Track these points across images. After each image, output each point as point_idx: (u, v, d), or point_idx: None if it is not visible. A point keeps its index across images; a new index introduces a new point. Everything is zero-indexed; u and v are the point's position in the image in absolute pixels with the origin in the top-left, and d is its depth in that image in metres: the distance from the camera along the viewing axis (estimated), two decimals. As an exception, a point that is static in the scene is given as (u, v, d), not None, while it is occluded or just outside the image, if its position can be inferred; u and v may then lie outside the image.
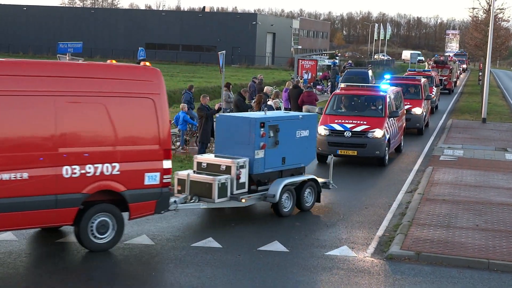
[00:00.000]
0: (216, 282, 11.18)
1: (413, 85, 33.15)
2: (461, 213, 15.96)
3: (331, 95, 24.52)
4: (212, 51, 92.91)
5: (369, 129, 21.95)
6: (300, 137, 16.24)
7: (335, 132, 22.14)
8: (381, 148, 21.97)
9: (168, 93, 50.76)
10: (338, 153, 21.86)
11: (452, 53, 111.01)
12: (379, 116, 22.68)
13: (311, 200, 16.36)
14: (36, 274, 11.27)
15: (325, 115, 23.09)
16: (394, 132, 23.38)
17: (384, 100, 23.17)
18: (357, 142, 21.88)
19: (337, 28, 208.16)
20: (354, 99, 23.90)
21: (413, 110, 30.59)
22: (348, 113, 23.06)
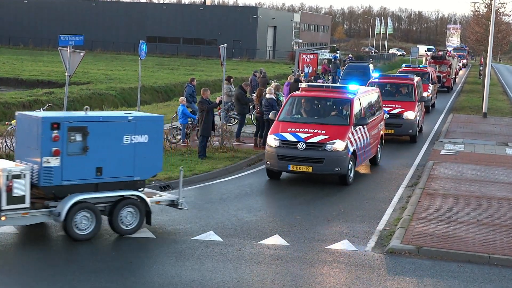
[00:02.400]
0: (216, 275, 11.20)
1: (405, 85, 28.88)
2: (462, 208, 15.96)
3: (288, 97, 20.53)
4: (213, 45, 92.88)
5: (327, 140, 18.07)
6: (130, 143, 13.19)
7: (287, 143, 18.25)
8: (342, 164, 18.06)
9: (169, 86, 50.71)
10: (290, 169, 18.15)
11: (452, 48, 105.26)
12: (342, 124, 18.81)
13: (133, 222, 13.19)
14: (37, 267, 11.28)
15: (277, 122, 19.19)
16: (363, 143, 19.55)
17: (350, 104, 19.26)
18: (313, 156, 17.97)
19: (338, 22, 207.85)
20: (315, 103, 19.99)
21: (405, 114, 26.69)
22: (306, 120, 19.19)
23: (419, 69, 41.26)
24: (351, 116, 18.99)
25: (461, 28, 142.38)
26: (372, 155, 21.17)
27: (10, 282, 10.63)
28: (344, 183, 18.43)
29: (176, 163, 19.76)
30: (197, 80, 36.04)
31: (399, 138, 27.00)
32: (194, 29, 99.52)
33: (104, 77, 52.49)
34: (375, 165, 21.54)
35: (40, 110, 22.14)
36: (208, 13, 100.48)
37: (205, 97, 21.07)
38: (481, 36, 52.56)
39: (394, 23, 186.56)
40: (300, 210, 15.79)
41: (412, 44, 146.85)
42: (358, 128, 19.13)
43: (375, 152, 21.38)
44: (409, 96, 28.06)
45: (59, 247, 12.35)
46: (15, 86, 48.58)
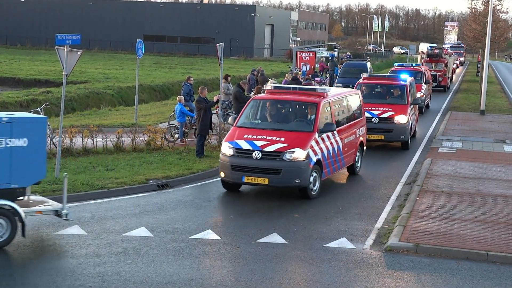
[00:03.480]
0: (215, 274, 11.19)
1: (396, 87, 26.23)
2: (460, 205, 15.97)
3: (249, 100, 18.57)
4: (210, 43, 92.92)
5: (286, 149, 16.13)
6: (5, 147, 12.11)
7: (241, 152, 16.36)
8: (302, 175, 16.14)
9: (166, 85, 50.67)
10: (244, 180, 16.27)
11: (448, 45, 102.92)
12: (305, 131, 16.86)
13: (4, 234, 12.05)
14: (35, 266, 11.26)
15: (234, 127, 17.28)
16: (333, 152, 17.71)
17: (316, 108, 17.23)
18: (269, 167, 16.08)
19: (336, 20, 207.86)
20: (278, 107, 17.88)
21: (396, 118, 24.33)
22: (266, 126, 17.22)
23: (412, 68, 39.48)
24: (316, 121, 16.91)
25: (459, 25, 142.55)
26: (349, 164, 19.27)
27: (6, 279, 10.61)
28: (306, 196, 16.47)
29: (174, 162, 19.78)
30: (195, 78, 36.06)
31: (390, 144, 25.26)
32: (191, 27, 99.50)
33: (101, 76, 52.49)
34: (353, 175, 19.70)
35: (37, 109, 22.15)
36: (206, 11, 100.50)
37: (203, 95, 21.06)
38: (479, 33, 52.55)
39: (392, 21, 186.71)
40: (298, 208, 15.79)
41: (409, 42, 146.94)
42: (326, 135, 17.20)
43: (351, 161, 19.37)
44: (401, 98, 25.58)
45: (56, 246, 12.33)
46: (13, 85, 48.58)
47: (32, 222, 13.67)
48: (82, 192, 16.12)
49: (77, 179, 16.97)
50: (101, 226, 13.70)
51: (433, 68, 50.48)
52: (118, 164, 19.13)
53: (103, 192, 16.33)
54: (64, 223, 13.67)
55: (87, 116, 32.11)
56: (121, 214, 14.71)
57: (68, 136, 20.33)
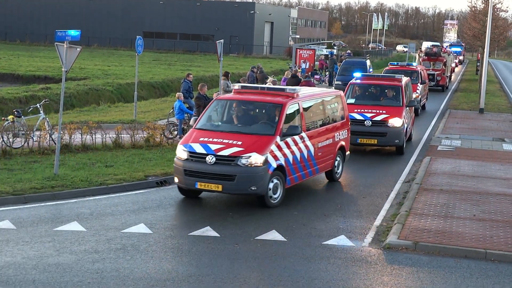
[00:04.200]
0: (213, 271, 11.19)
1: (391, 87, 24.55)
2: (459, 203, 15.98)
3: (212, 100, 17.48)
4: (210, 40, 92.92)
5: (242, 153, 14.91)
6: None
7: (195, 156, 15.22)
8: (259, 182, 14.90)
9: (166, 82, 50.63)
10: (197, 187, 15.10)
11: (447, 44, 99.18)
12: (265, 134, 15.55)
13: None
14: (33, 263, 11.26)
15: (193, 129, 16.20)
16: (301, 157, 16.32)
17: (281, 110, 15.90)
18: (222, 172, 14.86)
19: (335, 17, 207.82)
20: (242, 108, 16.64)
21: (390, 121, 22.68)
22: (225, 128, 16.02)
23: (407, 68, 37.45)
24: (278, 124, 15.59)
25: (458, 23, 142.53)
26: (325, 170, 18.01)
27: (6, 276, 10.61)
28: (264, 205, 15.24)
29: (173, 159, 19.75)
30: (194, 75, 36.05)
31: (384, 149, 23.88)
32: (191, 24, 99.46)
33: (101, 72, 52.49)
34: (333, 181, 18.49)
35: (36, 105, 22.14)
36: (205, 8, 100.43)
37: (202, 92, 21.07)
38: (478, 31, 52.59)
39: (392, 19, 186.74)
40: (297, 206, 15.79)
41: (409, 40, 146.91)
42: (292, 139, 15.92)
43: (329, 167, 18.05)
44: (396, 100, 23.93)
45: (55, 242, 12.32)
46: (12, 81, 48.59)
47: (31, 218, 13.69)
48: (81, 188, 16.12)
49: (76, 176, 16.97)
50: (100, 222, 13.70)
51: (431, 67, 49.50)
52: (117, 161, 19.13)
53: (102, 188, 16.34)
54: (63, 220, 13.68)
55: (86, 113, 32.11)
56: (120, 210, 14.71)
57: (67, 132, 20.32)
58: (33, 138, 20.21)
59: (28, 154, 19.54)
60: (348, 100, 23.29)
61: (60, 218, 13.82)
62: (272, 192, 15.35)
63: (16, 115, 20.75)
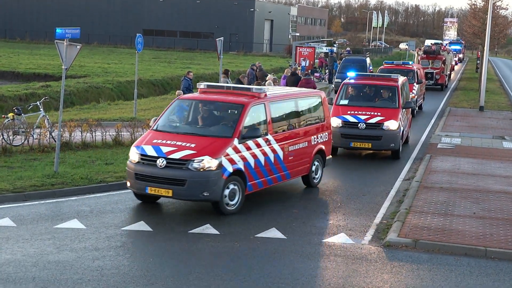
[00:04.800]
0: (213, 268, 11.19)
1: (386, 88, 23.13)
2: (459, 201, 15.98)
3: (174, 99, 16.37)
4: (209, 38, 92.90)
5: (194, 156, 13.94)
6: None
7: (147, 159, 14.33)
8: (211, 187, 13.96)
9: (166, 79, 50.63)
10: (148, 191, 14.29)
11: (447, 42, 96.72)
12: (223, 136, 14.58)
13: None
14: (33, 261, 11.26)
15: (150, 131, 15.40)
16: (264, 162, 15.20)
17: (241, 111, 14.95)
18: (173, 177, 13.94)
19: (335, 15, 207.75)
20: (204, 108, 15.60)
21: (385, 124, 21.39)
22: (182, 130, 15.14)
23: (403, 66, 35.82)
24: (237, 126, 14.63)
25: (458, 21, 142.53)
26: (300, 175, 16.94)
27: (6, 274, 10.62)
28: (220, 212, 14.32)
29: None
30: (194, 73, 36.05)
31: (379, 153, 22.76)
32: (191, 22, 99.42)
33: (100, 70, 52.49)
34: (310, 187, 17.45)
35: (36, 103, 22.14)
36: (205, 6, 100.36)
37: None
38: (478, 29, 52.59)
39: (391, 17, 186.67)
40: (297, 204, 15.79)
41: (409, 38, 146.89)
42: (254, 142, 14.86)
43: (304, 171, 16.98)
44: (392, 101, 22.59)
45: (55, 240, 12.33)
46: (12, 79, 48.59)
47: (31, 216, 13.69)
48: (81, 186, 16.12)
49: (76, 173, 16.97)
50: (100, 220, 13.70)
51: (429, 65, 48.67)
52: (117, 158, 19.12)
53: (102, 186, 16.33)
54: (63, 217, 13.68)
55: (86, 110, 32.12)
56: (120, 208, 14.71)
57: (67, 130, 20.32)
58: (33, 136, 20.22)
59: (28, 152, 19.54)
60: (341, 101, 22.74)
61: (60, 216, 13.82)
62: (228, 199, 14.33)
63: (16, 112, 20.75)
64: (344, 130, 21.36)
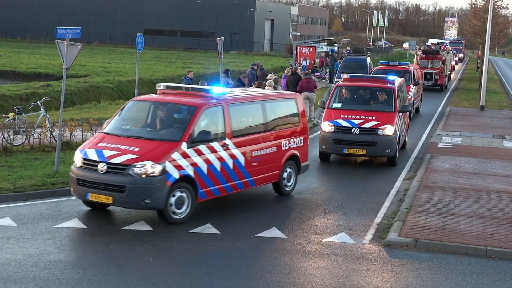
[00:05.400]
0: (214, 268, 11.20)
1: (382, 90, 21.65)
2: (459, 200, 15.98)
3: (128, 102, 15.50)
4: (210, 37, 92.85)
5: (135, 161, 13.13)
6: None
7: (88, 163, 13.59)
8: (154, 194, 13.07)
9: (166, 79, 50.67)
10: (89, 198, 13.55)
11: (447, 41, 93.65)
12: (170, 140, 13.68)
13: None
14: (34, 260, 11.27)
15: (99, 133, 14.67)
16: (220, 167, 14.23)
17: (193, 114, 14.03)
18: (112, 183, 13.17)
19: (336, 14, 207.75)
20: (157, 110, 14.75)
21: (381, 128, 20.21)
22: (130, 133, 14.21)
23: (399, 67, 34.22)
24: (187, 129, 13.73)
25: (459, 21, 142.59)
26: (267, 182, 15.91)
27: (7, 273, 10.63)
28: (166, 221, 13.52)
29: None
30: (195, 73, 36.03)
31: (374, 160, 21.50)
32: (191, 22, 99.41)
33: (101, 70, 52.46)
34: (281, 195, 16.41)
35: (37, 102, 22.15)
36: (206, 6, 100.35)
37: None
38: (479, 29, 52.61)
39: (392, 16, 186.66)
40: (297, 203, 15.80)
41: (409, 37, 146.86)
42: (208, 147, 13.94)
43: (274, 178, 15.96)
44: (388, 105, 21.19)
45: (56, 239, 12.34)
46: (12, 79, 48.56)
47: (32, 216, 13.69)
48: (81, 185, 16.09)
49: (77, 173, 16.94)
50: (101, 219, 13.70)
51: (429, 65, 47.69)
52: (117, 158, 19.08)
53: (102, 185, 16.29)
54: (63, 217, 13.68)
55: (87, 110, 32.10)
56: (121, 207, 14.69)
57: (68, 129, 20.32)
58: (33, 135, 20.22)
59: (28, 151, 19.54)
60: (333, 104, 21.39)
61: (60, 215, 13.82)
62: (175, 207, 13.44)
63: (17, 112, 20.76)
64: (336, 135, 20.23)
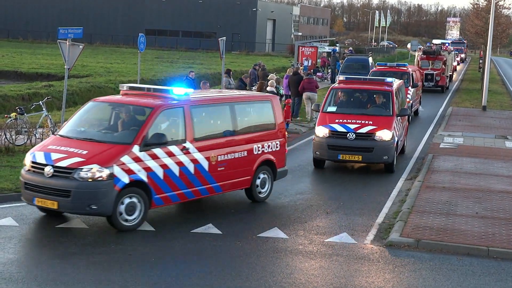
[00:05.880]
0: (215, 268, 11.20)
1: (379, 93, 20.60)
2: (461, 201, 15.98)
3: (87, 102, 15.01)
4: (212, 38, 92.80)
5: (82, 165, 12.49)
6: None
7: (36, 167, 12.99)
8: (101, 200, 12.45)
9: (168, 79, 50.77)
10: (35, 203, 13.01)
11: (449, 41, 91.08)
12: (122, 143, 13.04)
13: None
14: (36, 260, 11.28)
15: (53, 135, 14.28)
16: (179, 172, 13.53)
17: (149, 115, 13.38)
18: (58, 187, 12.58)
19: (338, 15, 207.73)
20: (115, 112, 14.14)
21: (377, 134, 19.07)
22: (84, 136, 13.54)
23: (397, 68, 32.81)
24: (140, 132, 13.06)
25: (461, 21, 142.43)
26: (237, 188, 15.20)
27: (9, 273, 10.64)
28: (115, 227, 12.88)
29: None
30: (196, 73, 36.04)
31: (371, 166, 20.45)
32: (193, 22, 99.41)
33: (103, 70, 52.48)
34: (253, 201, 15.68)
35: (39, 103, 22.16)
36: (207, 6, 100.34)
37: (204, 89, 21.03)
38: (481, 29, 52.52)
39: (394, 16, 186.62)
40: (299, 204, 15.80)
41: (412, 37, 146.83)
42: (163, 150, 13.25)
43: (244, 184, 15.22)
44: (385, 108, 20.13)
45: (57, 240, 12.34)
46: (14, 79, 48.57)
47: (34, 215, 13.69)
48: (83, 185, 16.09)
49: (79, 173, 16.94)
50: (102, 220, 13.66)
51: (430, 66, 46.80)
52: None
53: (104, 186, 16.29)
54: (65, 217, 13.68)
55: (88, 110, 32.05)
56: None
57: (70, 129, 20.29)
58: (35, 136, 20.22)
59: (30, 152, 19.53)
60: (328, 108, 20.30)
61: (62, 216, 13.82)
62: (125, 213, 12.80)
63: (19, 112, 20.77)
64: (331, 140, 19.16)
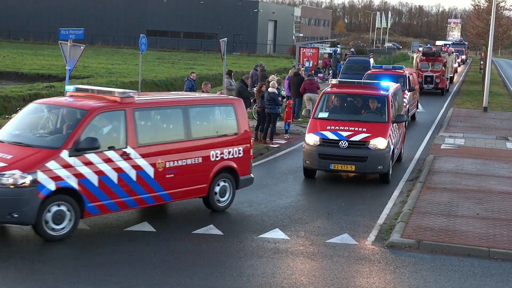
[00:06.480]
0: (217, 268, 11.21)
1: (374, 98, 19.34)
2: (462, 202, 15.97)
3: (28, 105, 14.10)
4: (213, 39, 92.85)
5: (2, 170, 11.69)
6: None
7: None
8: (22, 207, 11.60)
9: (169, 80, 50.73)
10: None
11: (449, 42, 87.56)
12: (52, 147, 12.21)
13: None
14: (36, 260, 11.29)
15: None
16: (118, 179, 12.76)
17: (82, 118, 12.60)
18: None
19: (339, 16, 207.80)
20: (52, 114, 13.41)
21: (371, 142, 17.84)
22: (16, 138, 12.84)
23: (393, 71, 31.16)
24: (70, 136, 12.28)
25: (462, 22, 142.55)
26: (192, 196, 14.35)
27: (7, 276, 10.65)
28: (41, 236, 12.10)
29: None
30: (198, 74, 36.07)
31: (367, 176, 19.21)
32: (194, 23, 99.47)
33: (104, 71, 52.50)
34: (214, 211, 14.75)
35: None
36: (209, 7, 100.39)
37: (206, 91, 21.05)
38: (482, 30, 52.63)
39: (395, 17, 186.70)
40: (300, 204, 15.80)
41: (413, 38, 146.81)
42: (98, 156, 12.45)
43: (200, 192, 14.34)
44: (380, 114, 18.89)
45: (57, 240, 12.36)
46: (16, 79, 48.60)
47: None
48: (84, 186, 16.10)
49: (80, 174, 16.94)
50: (103, 220, 13.70)
51: (429, 68, 45.43)
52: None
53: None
54: (66, 217, 13.68)
55: (89, 111, 32.08)
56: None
57: (71, 130, 20.30)
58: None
59: (32, 152, 19.53)
60: (320, 114, 19.07)
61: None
62: (53, 222, 12.01)
63: (20, 113, 20.74)
64: (322, 149, 17.95)
